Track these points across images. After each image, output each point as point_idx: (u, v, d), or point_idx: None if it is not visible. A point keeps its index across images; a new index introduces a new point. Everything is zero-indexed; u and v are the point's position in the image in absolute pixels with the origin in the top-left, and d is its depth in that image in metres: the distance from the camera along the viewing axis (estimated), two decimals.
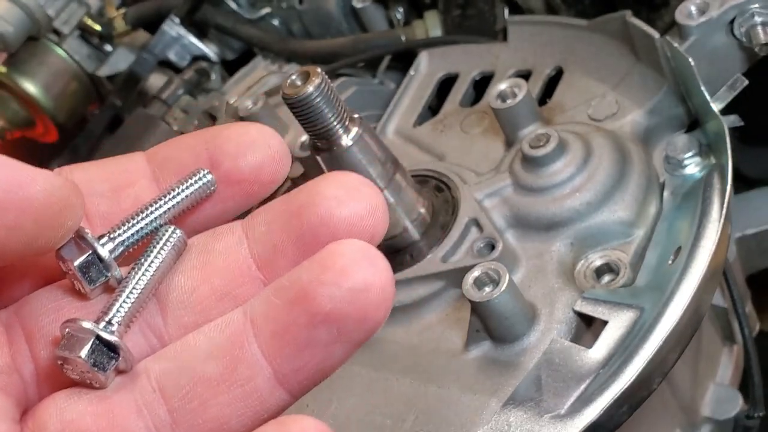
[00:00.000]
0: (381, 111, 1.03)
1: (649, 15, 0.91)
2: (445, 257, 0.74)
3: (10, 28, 1.21)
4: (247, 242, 0.46)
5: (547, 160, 0.74)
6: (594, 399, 0.60)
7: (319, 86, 0.66)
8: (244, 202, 0.49)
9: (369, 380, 0.73)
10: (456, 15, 1.06)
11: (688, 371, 0.80)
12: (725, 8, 0.75)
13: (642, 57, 0.80)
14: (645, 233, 0.72)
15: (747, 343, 0.79)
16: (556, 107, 0.86)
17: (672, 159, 0.74)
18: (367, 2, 1.17)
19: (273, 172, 0.47)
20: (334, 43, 1.19)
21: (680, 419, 0.80)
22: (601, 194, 0.72)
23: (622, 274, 0.69)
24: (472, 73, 0.98)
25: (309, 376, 0.45)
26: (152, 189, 0.47)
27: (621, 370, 0.61)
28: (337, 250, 0.44)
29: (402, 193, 0.74)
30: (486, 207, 0.76)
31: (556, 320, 0.68)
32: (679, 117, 0.78)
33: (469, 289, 0.66)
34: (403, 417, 0.68)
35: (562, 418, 0.61)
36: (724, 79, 0.78)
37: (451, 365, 0.70)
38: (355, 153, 0.70)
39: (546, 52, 0.92)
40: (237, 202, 0.48)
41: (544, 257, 0.73)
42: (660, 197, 0.74)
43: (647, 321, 0.63)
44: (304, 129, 0.69)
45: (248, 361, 0.42)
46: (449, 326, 0.73)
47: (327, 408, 0.72)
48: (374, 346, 0.75)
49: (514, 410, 0.63)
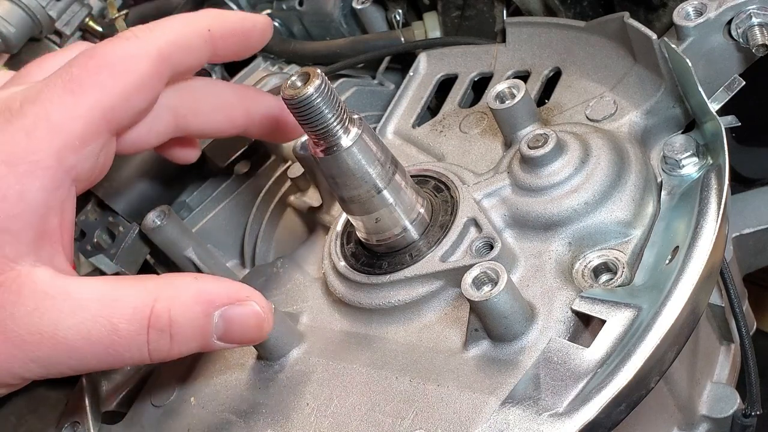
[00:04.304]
0: (380, 111, 1.04)
1: (647, 16, 0.91)
2: (444, 257, 0.74)
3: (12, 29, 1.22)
4: None
5: (545, 160, 0.74)
6: (592, 397, 0.61)
7: (319, 87, 0.66)
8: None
9: (369, 378, 0.73)
10: (455, 16, 1.07)
11: (685, 370, 0.80)
12: (722, 9, 0.75)
13: (640, 58, 0.81)
14: (642, 233, 0.72)
15: (744, 341, 0.79)
16: (555, 108, 0.86)
17: (669, 159, 0.75)
18: (367, 4, 1.18)
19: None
20: (334, 44, 1.19)
21: (677, 417, 0.80)
22: (599, 194, 0.73)
23: (620, 274, 0.69)
24: (470, 74, 0.99)
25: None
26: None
27: (619, 369, 0.61)
28: None
29: (401, 193, 0.74)
30: (485, 207, 0.77)
31: (555, 319, 0.69)
32: (676, 117, 0.79)
33: (467, 288, 0.66)
34: (403, 415, 0.68)
35: (561, 416, 0.61)
36: (721, 79, 0.78)
37: (450, 364, 0.70)
38: (355, 153, 0.70)
39: (544, 53, 0.92)
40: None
41: (542, 257, 0.73)
42: (657, 197, 0.74)
43: (645, 320, 0.63)
44: (304, 129, 0.70)
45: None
46: (448, 325, 0.74)
47: (327, 406, 0.73)
48: (374, 345, 0.76)
49: (512, 408, 0.63)
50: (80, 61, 0.68)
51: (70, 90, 0.66)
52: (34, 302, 0.62)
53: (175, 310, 0.64)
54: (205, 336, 0.66)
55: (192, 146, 0.90)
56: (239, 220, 1.07)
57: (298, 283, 0.87)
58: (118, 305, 0.63)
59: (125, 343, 0.63)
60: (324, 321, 0.81)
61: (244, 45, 0.78)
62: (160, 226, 0.99)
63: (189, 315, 0.65)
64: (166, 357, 0.66)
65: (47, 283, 0.63)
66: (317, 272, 0.87)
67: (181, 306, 0.65)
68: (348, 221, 0.82)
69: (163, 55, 0.71)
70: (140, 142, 0.78)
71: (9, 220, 0.63)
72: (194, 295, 0.66)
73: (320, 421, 0.72)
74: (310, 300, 0.84)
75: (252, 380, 0.80)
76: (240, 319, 0.67)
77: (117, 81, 0.68)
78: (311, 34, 1.28)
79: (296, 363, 0.78)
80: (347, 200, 0.74)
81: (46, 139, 0.64)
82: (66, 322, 0.62)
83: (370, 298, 0.77)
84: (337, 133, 0.69)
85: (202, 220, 1.07)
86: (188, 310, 0.65)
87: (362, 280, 0.77)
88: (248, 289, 0.69)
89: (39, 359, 0.62)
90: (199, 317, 0.65)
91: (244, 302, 0.67)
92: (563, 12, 0.97)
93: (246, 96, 0.84)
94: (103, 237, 1.04)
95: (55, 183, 0.65)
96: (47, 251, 0.65)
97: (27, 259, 0.63)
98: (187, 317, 0.65)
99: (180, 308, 0.65)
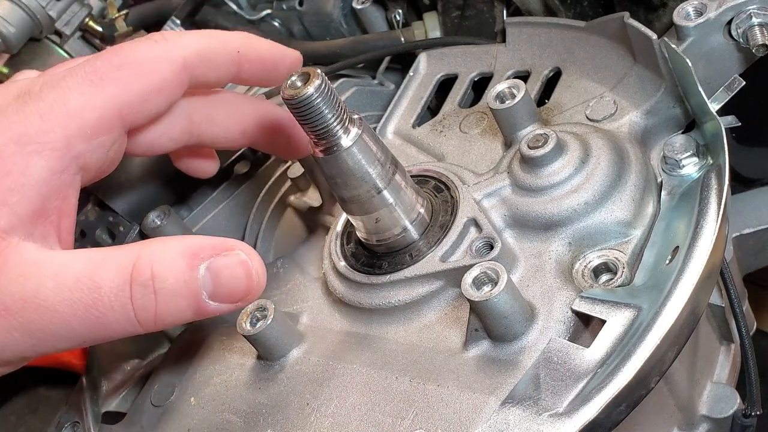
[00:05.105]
0: (381, 111, 1.04)
1: (647, 16, 0.91)
2: (444, 257, 0.75)
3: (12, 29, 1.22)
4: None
5: (545, 160, 0.74)
6: (592, 397, 0.61)
7: (319, 87, 0.67)
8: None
9: (369, 378, 0.73)
10: (455, 16, 1.07)
11: (685, 370, 0.80)
12: (722, 9, 0.75)
13: (640, 58, 0.81)
14: (643, 233, 0.72)
15: (744, 341, 0.79)
16: (555, 108, 0.86)
17: (669, 159, 0.75)
18: (367, 4, 1.18)
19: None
20: (334, 44, 1.19)
21: (677, 418, 0.80)
22: (599, 194, 0.73)
23: (620, 274, 0.69)
24: (470, 74, 0.99)
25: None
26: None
27: (619, 369, 0.61)
28: None
29: (401, 194, 0.74)
30: (485, 207, 0.77)
31: (555, 319, 0.69)
32: (676, 117, 0.79)
33: (467, 288, 0.66)
34: (403, 415, 0.68)
35: (561, 416, 0.61)
36: (721, 79, 0.78)
37: (450, 364, 0.70)
38: (355, 153, 0.70)
39: (544, 54, 0.92)
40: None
41: (542, 257, 0.73)
42: (657, 197, 0.74)
43: (645, 320, 0.63)
44: (304, 129, 0.70)
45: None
46: (448, 325, 0.74)
47: (327, 406, 0.73)
48: (374, 345, 0.76)
49: (512, 408, 0.63)
50: (105, 56, 0.70)
51: (91, 81, 0.68)
52: (19, 270, 0.62)
53: (158, 264, 0.63)
54: (193, 293, 0.64)
55: (211, 158, 0.90)
56: (239, 220, 1.07)
57: (298, 283, 0.87)
58: (101, 265, 0.62)
59: (108, 302, 0.61)
60: (324, 321, 0.81)
61: (271, 74, 0.80)
62: (160, 226, 0.99)
63: (172, 268, 0.63)
64: (155, 319, 0.63)
65: (34, 253, 0.63)
66: (317, 272, 0.87)
67: (163, 260, 0.63)
68: (348, 221, 0.82)
69: (188, 64, 0.72)
70: (153, 145, 0.79)
71: (8, 193, 0.63)
72: (177, 249, 0.64)
73: (320, 421, 0.72)
74: (310, 300, 0.84)
75: (252, 380, 0.80)
76: (227, 270, 0.65)
77: (138, 80, 0.69)
78: (311, 34, 1.28)
79: (296, 363, 0.78)
80: (347, 200, 0.74)
81: (59, 123, 0.66)
82: (48, 285, 0.61)
83: (370, 298, 0.77)
84: (337, 133, 0.69)
85: (202, 220, 1.07)
86: (171, 263, 0.63)
87: (362, 280, 0.77)
88: (234, 241, 0.67)
89: (23, 326, 0.61)
90: (184, 270, 0.63)
91: (229, 252, 0.65)
92: (563, 12, 0.97)
93: (260, 107, 0.84)
94: (103, 237, 1.04)
95: (61, 166, 0.66)
96: (41, 230, 0.65)
97: (19, 232, 0.63)
98: (171, 270, 0.63)
99: (162, 262, 0.63)
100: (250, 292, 0.67)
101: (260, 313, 0.78)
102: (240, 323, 0.77)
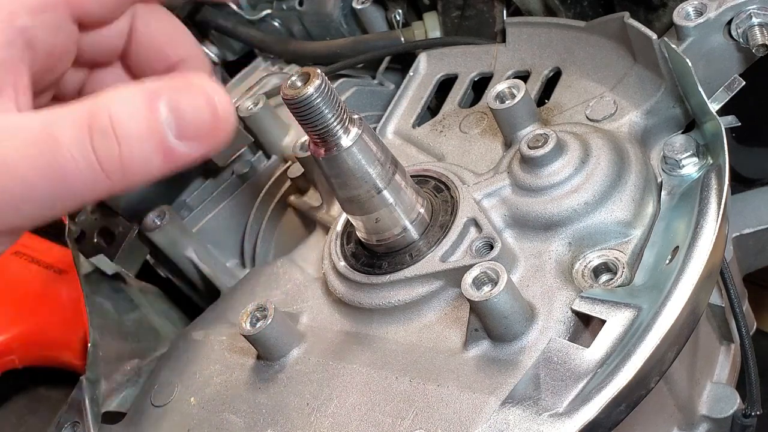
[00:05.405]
0: (380, 111, 1.04)
1: (647, 16, 0.91)
2: (444, 257, 0.75)
3: None
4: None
5: (545, 160, 0.74)
6: (592, 397, 0.61)
7: (319, 87, 0.67)
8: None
9: (369, 378, 0.73)
10: (455, 16, 1.07)
11: (685, 370, 0.80)
12: (722, 9, 0.75)
13: (640, 58, 0.81)
14: (643, 233, 0.72)
15: (744, 341, 0.79)
16: (555, 108, 0.86)
17: (669, 159, 0.75)
18: (367, 4, 1.18)
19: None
20: (334, 44, 1.19)
21: (677, 417, 0.80)
22: (599, 194, 0.73)
23: (620, 274, 0.69)
24: (470, 74, 0.99)
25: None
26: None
27: (619, 369, 0.61)
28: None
29: (401, 194, 0.74)
30: (485, 207, 0.77)
31: (555, 319, 0.69)
32: (676, 117, 0.79)
33: (467, 288, 0.66)
34: (403, 415, 0.68)
35: (561, 416, 0.61)
36: (721, 79, 0.78)
37: (450, 364, 0.70)
38: (355, 153, 0.70)
39: (544, 54, 0.92)
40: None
41: (542, 257, 0.73)
42: (657, 197, 0.74)
43: (645, 320, 0.63)
44: (304, 129, 0.70)
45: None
46: (448, 325, 0.74)
47: (327, 406, 0.73)
48: (374, 345, 0.76)
49: (512, 408, 0.63)
50: None
51: None
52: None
53: (115, 107, 0.59)
54: (157, 134, 0.60)
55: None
56: (239, 220, 1.07)
57: (298, 283, 0.87)
58: (58, 118, 0.60)
59: (68, 154, 0.59)
60: (324, 321, 0.81)
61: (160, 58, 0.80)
62: (160, 226, 0.99)
63: (131, 110, 0.60)
64: (122, 167, 0.60)
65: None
66: (317, 272, 0.87)
67: (121, 103, 0.60)
68: (348, 221, 0.82)
69: None
70: (103, 48, 0.78)
71: None
72: (134, 91, 0.60)
73: (320, 421, 0.72)
74: (310, 300, 0.84)
75: (252, 380, 0.80)
76: (189, 106, 0.61)
77: None
78: (311, 34, 1.28)
79: (296, 363, 0.78)
80: (347, 200, 0.74)
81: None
82: (6, 144, 0.59)
83: (370, 298, 0.77)
84: (337, 133, 0.69)
85: (202, 220, 1.07)
86: (129, 105, 0.60)
87: (362, 280, 0.77)
88: (197, 76, 0.63)
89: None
90: (142, 110, 0.59)
91: (189, 87, 0.61)
92: (563, 12, 0.97)
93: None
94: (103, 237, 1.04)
95: (6, 38, 0.65)
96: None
97: None
98: (130, 112, 0.59)
99: (120, 105, 0.60)
100: (218, 126, 0.62)
101: (260, 313, 0.78)
102: (240, 323, 0.77)
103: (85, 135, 0.59)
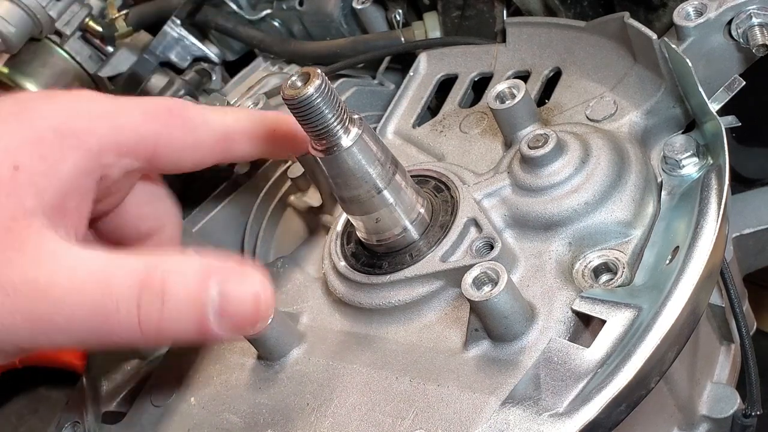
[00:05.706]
0: (381, 111, 1.04)
1: (647, 16, 0.91)
2: (444, 257, 0.75)
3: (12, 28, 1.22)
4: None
5: (545, 160, 0.74)
6: (592, 398, 0.61)
7: (320, 87, 0.66)
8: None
9: (369, 379, 0.73)
10: (455, 16, 1.07)
11: (685, 370, 0.80)
12: (723, 10, 0.75)
13: (640, 58, 0.81)
14: (643, 233, 0.72)
15: (744, 342, 0.79)
16: (555, 108, 0.86)
17: (670, 159, 0.75)
18: (367, 4, 1.18)
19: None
20: (334, 44, 1.20)
21: (678, 418, 0.80)
22: (599, 194, 0.73)
23: (620, 274, 0.69)
24: (471, 74, 0.99)
25: None
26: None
27: (619, 369, 0.61)
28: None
29: (401, 194, 0.74)
30: (485, 207, 0.77)
31: (555, 319, 0.69)
32: (676, 117, 0.79)
33: (468, 288, 0.66)
34: (403, 415, 0.68)
35: (561, 416, 0.61)
36: (721, 80, 0.78)
37: (450, 364, 0.70)
38: (355, 153, 0.70)
39: (544, 54, 0.92)
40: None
41: (542, 257, 0.73)
42: (658, 197, 0.74)
43: (645, 320, 0.63)
44: (304, 129, 0.70)
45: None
46: (448, 325, 0.74)
47: (327, 406, 0.73)
48: (374, 345, 0.76)
49: (512, 408, 0.63)
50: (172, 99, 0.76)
51: (143, 110, 0.71)
52: (36, 254, 0.61)
53: (172, 274, 0.62)
54: (199, 310, 0.62)
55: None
56: (239, 220, 1.07)
57: (298, 283, 0.87)
58: (116, 266, 0.62)
59: (115, 302, 0.61)
60: (324, 321, 0.81)
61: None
62: None
63: (183, 280, 0.62)
64: (157, 329, 0.62)
65: (53, 242, 0.63)
66: (317, 272, 0.87)
67: (176, 272, 0.62)
68: (348, 221, 0.82)
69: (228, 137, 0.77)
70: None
71: (39, 176, 0.63)
72: (193, 263, 0.63)
73: (320, 421, 0.72)
74: (310, 300, 0.84)
75: (252, 380, 0.80)
76: (238, 296, 0.63)
77: (182, 130, 0.73)
78: (311, 34, 1.28)
79: (296, 363, 0.78)
80: (347, 200, 0.74)
81: (105, 128, 0.68)
82: (61, 275, 0.61)
83: (370, 298, 0.77)
84: (337, 133, 0.69)
85: (202, 220, 1.07)
86: (183, 275, 0.62)
87: (362, 280, 0.77)
88: (253, 269, 0.65)
89: (27, 311, 0.60)
90: (193, 284, 0.62)
91: (244, 278, 0.64)
92: (563, 12, 0.97)
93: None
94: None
95: (89, 169, 0.67)
96: (61, 223, 0.65)
97: (41, 218, 0.63)
98: (181, 282, 0.62)
99: (174, 274, 0.62)
100: (255, 320, 0.65)
101: None
102: None
103: (136, 291, 0.61)
